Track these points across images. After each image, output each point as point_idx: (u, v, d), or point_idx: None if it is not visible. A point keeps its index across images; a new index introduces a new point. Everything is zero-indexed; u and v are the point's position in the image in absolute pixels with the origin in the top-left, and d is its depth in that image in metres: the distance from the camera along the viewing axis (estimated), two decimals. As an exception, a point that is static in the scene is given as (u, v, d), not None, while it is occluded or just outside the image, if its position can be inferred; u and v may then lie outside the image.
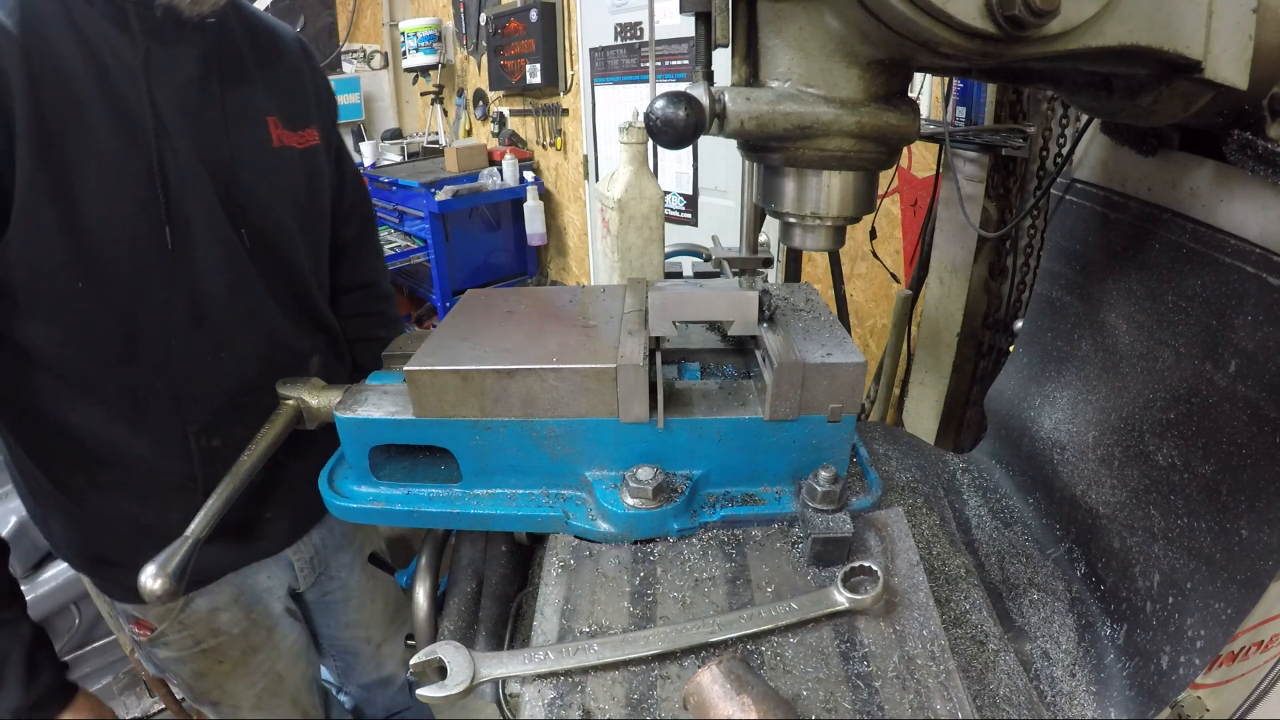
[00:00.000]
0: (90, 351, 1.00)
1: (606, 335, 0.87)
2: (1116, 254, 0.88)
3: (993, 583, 0.88)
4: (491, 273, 4.82)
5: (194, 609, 1.22)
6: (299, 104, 1.20)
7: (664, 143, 0.61)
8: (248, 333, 1.12)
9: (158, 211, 0.97)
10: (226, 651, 1.29)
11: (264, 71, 1.14)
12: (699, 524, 0.83)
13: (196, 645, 1.26)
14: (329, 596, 1.52)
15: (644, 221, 1.40)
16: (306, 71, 1.25)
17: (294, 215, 1.19)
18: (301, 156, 1.19)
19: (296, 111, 1.19)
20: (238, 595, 1.28)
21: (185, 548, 0.89)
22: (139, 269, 0.98)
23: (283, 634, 1.38)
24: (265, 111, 1.13)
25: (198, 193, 1.01)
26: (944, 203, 1.75)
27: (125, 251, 0.97)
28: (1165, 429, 0.76)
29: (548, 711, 0.64)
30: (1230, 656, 0.72)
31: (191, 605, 1.22)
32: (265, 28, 1.20)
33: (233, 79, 1.07)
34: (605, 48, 3.81)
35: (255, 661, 1.33)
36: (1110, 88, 0.72)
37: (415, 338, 1.12)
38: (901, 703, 0.64)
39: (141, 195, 0.96)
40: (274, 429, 1.03)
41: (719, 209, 3.48)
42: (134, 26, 0.95)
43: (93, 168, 0.92)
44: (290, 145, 1.17)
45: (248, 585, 1.29)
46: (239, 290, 1.10)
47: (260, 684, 1.36)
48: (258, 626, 1.32)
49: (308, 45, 1.30)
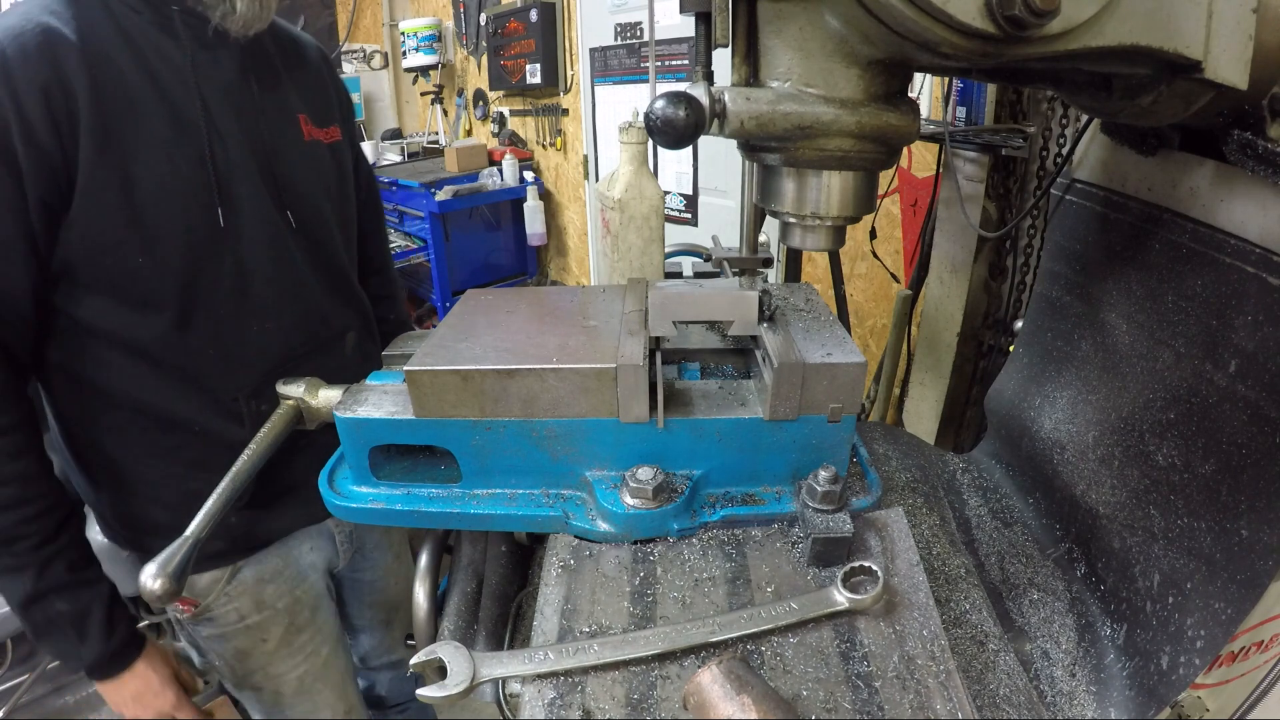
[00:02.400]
0: (148, 321, 1.09)
1: (606, 335, 0.87)
2: (1116, 254, 0.88)
3: (993, 583, 0.88)
4: (491, 273, 4.82)
5: (241, 579, 1.27)
6: (323, 104, 1.32)
7: (664, 143, 0.61)
8: (291, 305, 1.22)
9: (210, 194, 1.08)
10: (270, 629, 1.32)
11: (292, 74, 1.26)
12: (699, 524, 0.83)
13: (241, 620, 1.29)
14: (359, 574, 1.57)
15: (644, 221, 1.40)
16: (327, 76, 1.37)
17: (328, 201, 1.30)
18: (330, 150, 1.31)
19: (321, 111, 1.31)
20: (283, 567, 1.32)
21: (185, 548, 0.89)
22: (192, 244, 1.08)
23: (325, 615, 1.42)
24: (296, 109, 1.24)
25: (245, 178, 1.12)
26: (944, 203, 1.75)
27: (180, 229, 1.06)
28: (1165, 429, 0.76)
29: (548, 711, 0.64)
30: (1230, 656, 0.72)
31: (239, 575, 1.27)
32: (290, 36, 1.32)
33: (267, 80, 1.19)
34: (605, 48, 3.81)
35: (299, 642, 1.36)
36: (1110, 88, 0.72)
37: (415, 338, 1.12)
38: (901, 703, 0.64)
39: (195, 180, 1.06)
40: (274, 429, 1.03)
41: (719, 209, 3.48)
42: (180, 33, 1.06)
43: (149, 158, 1.02)
44: (319, 139, 1.29)
45: (293, 557, 1.34)
46: (282, 266, 1.20)
47: (303, 666, 1.38)
48: (301, 604, 1.36)
49: (326, 53, 1.42)
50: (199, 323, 1.12)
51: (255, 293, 1.17)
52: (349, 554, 1.50)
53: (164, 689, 1.18)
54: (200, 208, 1.08)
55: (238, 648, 1.32)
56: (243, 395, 1.18)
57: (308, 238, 1.25)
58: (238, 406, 1.18)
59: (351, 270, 1.41)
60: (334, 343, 1.33)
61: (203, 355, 1.14)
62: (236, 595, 1.28)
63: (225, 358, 1.16)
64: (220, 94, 1.10)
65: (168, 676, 1.20)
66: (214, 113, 1.09)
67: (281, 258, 1.20)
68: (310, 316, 1.27)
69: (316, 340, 1.28)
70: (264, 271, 1.17)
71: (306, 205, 1.24)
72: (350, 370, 1.28)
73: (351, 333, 1.37)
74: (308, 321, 1.26)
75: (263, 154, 1.16)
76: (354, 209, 1.42)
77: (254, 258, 1.15)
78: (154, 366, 1.12)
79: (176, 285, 1.09)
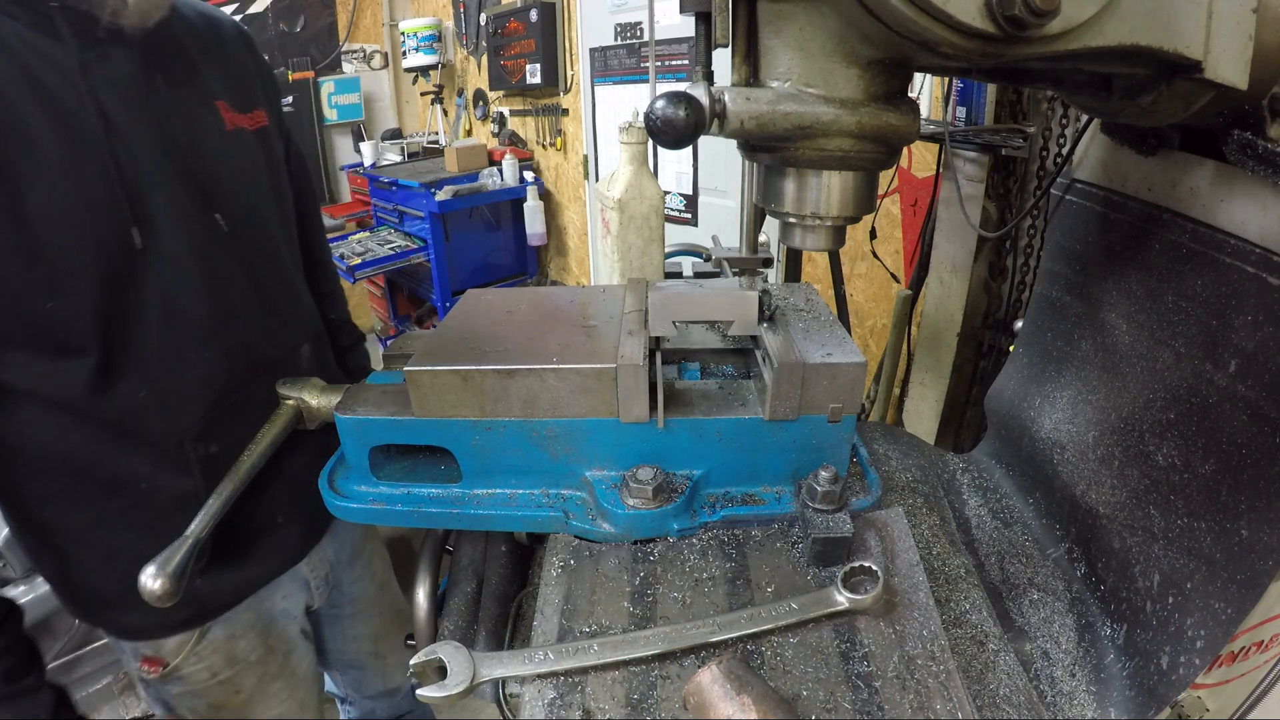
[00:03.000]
0: (69, 370, 0.96)
1: (606, 335, 0.87)
2: (1116, 254, 0.88)
3: (993, 583, 0.88)
4: (491, 273, 4.81)
5: (211, 639, 1.18)
6: (244, 87, 1.18)
7: (664, 143, 0.61)
8: (231, 326, 1.08)
9: (121, 212, 0.94)
10: (243, 681, 1.25)
11: (206, 57, 1.11)
12: (699, 524, 0.83)
13: (213, 678, 1.21)
14: (337, 610, 1.49)
15: (644, 221, 1.40)
16: (247, 56, 1.22)
17: (261, 194, 1.17)
18: (255, 137, 1.17)
19: (243, 94, 1.17)
20: (255, 620, 1.24)
21: (185, 547, 0.89)
22: (108, 274, 0.95)
23: (299, 658, 1.35)
24: (213, 96, 1.10)
25: (161, 185, 0.98)
26: (944, 203, 1.75)
27: (90, 260, 0.93)
28: (1165, 429, 0.76)
29: (548, 711, 0.64)
30: (1230, 656, 0.72)
31: (208, 635, 1.18)
32: (202, 14, 1.17)
33: (175, 68, 1.04)
34: (605, 48, 3.81)
35: (274, 689, 1.30)
36: (1110, 88, 0.72)
37: (415, 338, 1.12)
38: (901, 703, 0.64)
39: (101, 199, 0.92)
40: (274, 429, 1.03)
41: (719, 209, 3.48)
42: (64, 34, 0.91)
43: (42, 184, 0.89)
44: (242, 127, 1.15)
45: (264, 609, 1.26)
46: (217, 282, 1.06)
47: (277, 709, 1.32)
48: (274, 653, 1.29)
49: (246, 31, 1.27)
50: (127, 363, 0.99)
51: (188, 318, 1.03)
52: (324, 594, 1.41)
53: None
54: (111, 230, 0.94)
55: (210, 702, 1.24)
56: (188, 439, 1.05)
57: (244, 242, 1.11)
58: (183, 453, 1.05)
59: (298, 271, 1.27)
60: (286, 360, 1.18)
61: (134, 400, 1.01)
62: (207, 655, 1.19)
63: (161, 399, 1.03)
64: (118, 95, 0.95)
65: None
66: (113, 118, 0.94)
67: (214, 272, 1.05)
68: (255, 335, 1.13)
69: (265, 361, 1.13)
70: (194, 291, 1.03)
71: (238, 203, 1.10)
72: None
73: (305, 345, 1.24)
74: (253, 341, 1.12)
75: (179, 154, 1.01)
76: (290, 199, 1.28)
77: (182, 277, 1.01)
78: (82, 421, 1.00)
79: (95, 325, 0.95)
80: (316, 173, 5.41)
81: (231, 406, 1.09)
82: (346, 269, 4.13)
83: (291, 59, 5.10)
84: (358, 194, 5.27)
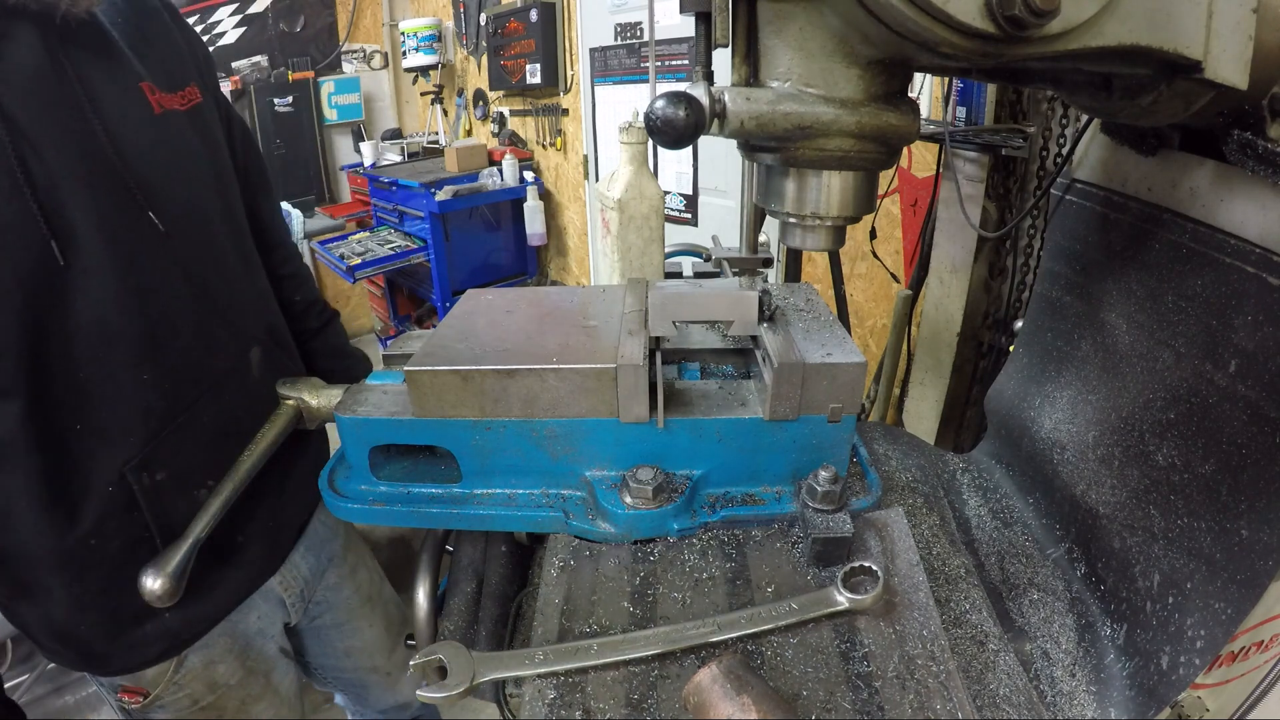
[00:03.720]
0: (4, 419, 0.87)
1: (606, 335, 0.87)
2: (1116, 254, 0.88)
3: (993, 583, 0.88)
4: (491, 273, 4.82)
5: (188, 666, 1.14)
6: (172, 62, 1.06)
7: (664, 143, 0.61)
8: (168, 341, 0.99)
9: (36, 228, 0.83)
10: (226, 705, 1.21)
11: (125, 34, 0.99)
12: (699, 524, 0.83)
13: (194, 704, 1.17)
14: (317, 622, 1.43)
15: (644, 221, 1.40)
16: (173, 27, 1.10)
17: (200, 182, 1.06)
18: (188, 118, 1.05)
19: (171, 71, 1.04)
20: (231, 644, 1.19)
21: (185, 547, 0.89)
22: (29, 303, 0.84)
23: (280, 676, 1.32)
24: (136, 78, 0.98)
25: (81, 190, 0.87)
26: (944, 203, 1.76)
27: (9, 287, 0.83)
28: (1165, 429, 0.76)
29: (548, 711, 0.64)
30: (1230, 656, 0.72)
31: (186, 664, 1.14)
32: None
33: (88, 53, 0.92)
34: (605, 48, 3.81)
35: (256, 710, 1.27)
36: (1110, 88, 0.72)
37: (415, 338, 1.12)
38: (901, 703, 0.64)
39: (8, 217, 0.82)
40: (274, 429, 1.03)
41: (719, 209, 3.48)
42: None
43: None
44: (174, 109, 1.03)
45: (239, 631, 1.21)
46: (151, 294, 0.96)
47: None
48: (254, 674, 1.25)
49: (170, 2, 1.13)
50: (56, 397, 0.89)
51: (122, 338, 0.93)
52: (301, 609, 1.35)
53: None
54: (27, 250, 0.83)
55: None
56: (130, 470, 0.96)
57: (183, 241, 1.00)
58: (126, 486, 0.96)
59: (246, 264, 1.16)
60: (234, 370, 1.08)
61: (69, 436, 0.92)
62: (187, 683, 1.15)
63: (98, 433, 0.93)
64: (21, 91, 0.83)
65: None
66: (16, 119, 0.82)
67: (149, 282, 0.95)
68: (199, 349, 1.03)
69: (212, 374, 1.03)
70: (128, 307, 0.93)
71: (174, 197, 0.99)
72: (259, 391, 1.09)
73: (256, 348, 1.13)
74: (196, 356, 1.02)
75: (99, 151, 0.90)
76: (234, 183, 1.16)
77: (112, 293, 0.91)
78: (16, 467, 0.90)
79: (19, 363, 0.85)
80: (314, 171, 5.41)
81: (178, 429, 1.00)
82: (346, 269, 4.13)
83: (291, 59, 5.11)
84: (358, 194, 5.28)
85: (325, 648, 1.47)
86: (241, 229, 1.18)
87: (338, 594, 1.44)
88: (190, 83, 1.08)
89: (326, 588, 1.41)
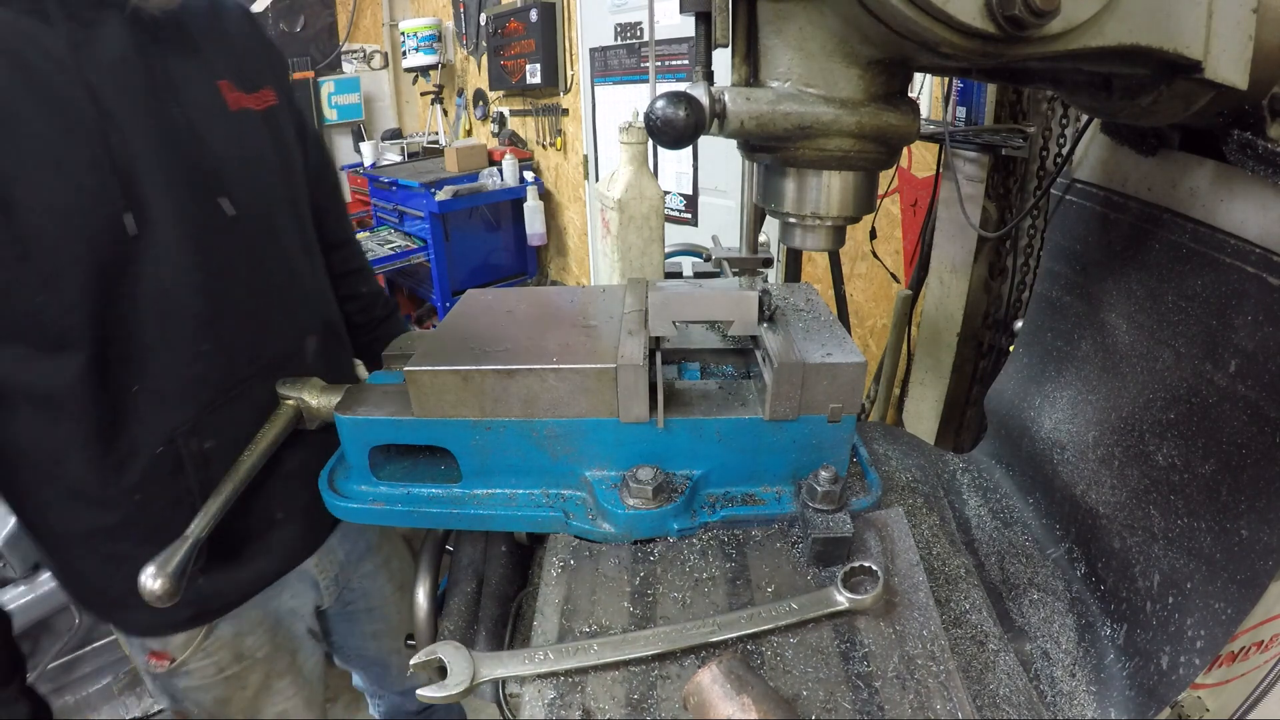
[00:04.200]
0: (62, 366, 0.92)
1: (606, 335, 0.87)
2: (1116, 254, 0.88)
3: (993, 583, 0.88)
4: (491, 273, 4.82)
5: (218, 635, 1.19)
6: (250, 65, 1.13)
7: (664, 143, 0.61)
8: (228, 321, 1.04)
9: (114, 199, 0.91)
10: (249, 677, 1.25)
11: (208, 37, 1.07)
12: (699, 524, 0.83)
13: (220, 673, 1.22)
14: (350, 608, 1.47)
15: (644, 221, 1.40)
16: (253, 34, 1.19)
17: (269, 178, 1.13)
18: (263, 117, 1.12)
19: (249, 73, 1.12)
20: (262, 618, 1.24)
21: (185, 547, 0.89)
22: (100, 265, 0.92)
23: (305, 656, 1.35)
24: (215, 76, 1.06)
25: (158, 169, 0.95)
26: (944, 203, 1.76)
27: (81, 251, 0.90)
28: (1165, 429, 0.76)
29: (548, 711, 0.64)
30: (1230, 656, 0.72)
31: (216, 632, 1.18)
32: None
33: (173, 48, 1.00)
34: (605, 48, 3.81)
35: (279, 686, 1.31)
36: (1110, 88, 0.72)
37: (415, 338, 1.12)
38: (901, 703, 0.64)
39: (92, 187, 0.90)
40: (274, 429, 1.03)
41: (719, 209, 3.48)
42: (53, 14, 0.88)
43: (32, 175, 0.87)
44: (248, 107, 1.10)
45: (272, 608, 1.25)
46: (215, 273, 1.02)
47: (282, 705, 1.33)
48: (282, 650, 1.29)
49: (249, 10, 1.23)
50: (117, 359, 0.96)
51: (184, 310, 0.99)
52: (334, 594, 1.39)
53: None
54: (103, 218, 0.91)
55: (216, 697, 1.25)
56: (180, 435, 1.01)
57: (249, 228, 1.06)
58: (175, 450, 1.01)
59: (310, 257, 1.22)
60: (290, 355, 1.14)
61: (125, 398, 0.98)
62: (214, 650, 1.19)
63: (154, 396, 0.99)
64: (112, 76, 0.91)
65: None
66: (106, 100, 0.90)
67: (214, 261, 1.01)
68: (256, 329, 1.09)
69: (268, 355, 1.09)
70: (192, 282, 0.99)
71: (243, 188, 1.06)
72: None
73: (312, 337, 1.19)
74: (254, 336, 1.08)
75: (177, 137, 0.97)
76: (303, 182, 1.22)
77: (178, 267, 0.97)
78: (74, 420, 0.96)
79: (87, 318, 0.92)
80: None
81: (230, 401, 1.06)
82: (346, 269, 4.13)
83: (292, 59, 5.10)
84: (358, 194, 5.27)
85: (353, 629, 1.51)
86: (306, 226, 1.23)
87: (373, 582, 1.48)
88: (266, 85, 1.15)
89: (362, 575, 1.45)
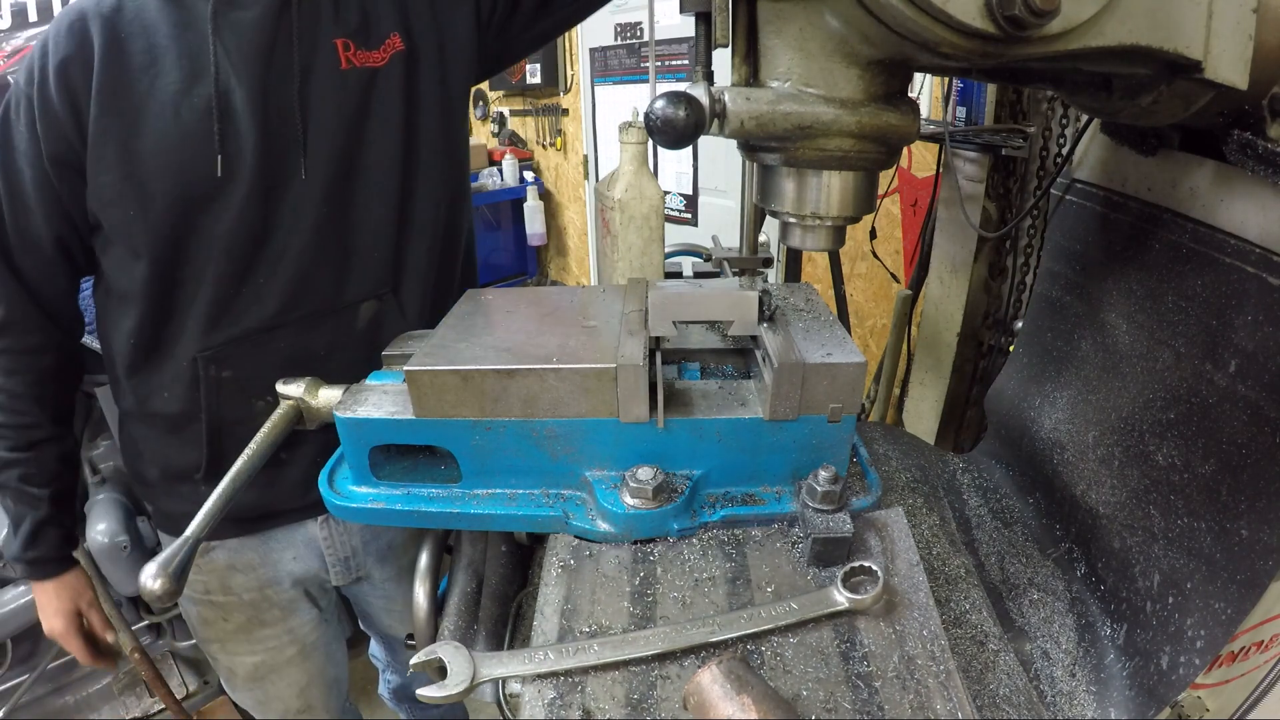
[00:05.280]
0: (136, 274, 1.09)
1: (606, 335, 0.87)
2: (1116, 254, 0.89)
3: (993, 583, 0.88)
4: (491, 273, 4.83)
5: (212, 559, 1.28)
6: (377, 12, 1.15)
7: (664, 143, 0.61)
8: (291, 266, 1.13)
9: (211, 145, 1.04)
10: (233, 613, 1.33)
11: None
12: (699, 524, 0.83)
13: (206, 594, 1.31)
14: (369, 596, 1.52)
15: (644, 221, 1.40)
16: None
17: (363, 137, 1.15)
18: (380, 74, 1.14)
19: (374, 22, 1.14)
20: (257, 563, 1.30)
21: (185, 548, 0.89)
22: (184, 198, 1.06)
23: (299, 622, 1.39)
24: (334, 35, 1.11)
25: (256, 127, 1.06)
26: (944, 203, 1.75)
27: (172, 182, 1.04)
28: (1165, 429, 0.76)
29: (548, 711, 0.64)
30: (1230, 656, 0.72)
31: (211, 554, 1.28)
32: None
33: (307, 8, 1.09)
34: (605, 48, 3.82)
35: (261, 635, 1.36)
36: (1110, 88, 0.72)
37: (415, 338, 1.12)
38: (901, 703, 0.64)
39: (195, 128, 1.03)
40: (274, 429, 1.03)
41: (719, 209, 3.48)
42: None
43: (157, 111, 1.03)
44: (362, 65, 1.13)
45: (271, 559, 1.31)
46: (279, 225, 1.11)
47: (260, 656, 1.37)
48: (270, 603, 1.34)
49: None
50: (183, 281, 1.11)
51: (236, 252, 1.10)
52: (346, 577, 1.41)
53: (56, 616, 1.29)
54: (199, 159, 1.04)
55: (201, 614, 1.35)
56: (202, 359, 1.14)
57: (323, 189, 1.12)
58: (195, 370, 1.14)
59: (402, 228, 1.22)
60: (342, 313, 1.20)
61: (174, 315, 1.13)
62: (205, 571, 1.28)
63: (195, 319, 1.12)
64: (239, 34, 1.04)
65: (67, 611, 1.30)
66: (230, 55, 1.04)
67: (276, 215, 1.10)
68: (312, 280, 1.15)
69: (313, 306, 1.16)
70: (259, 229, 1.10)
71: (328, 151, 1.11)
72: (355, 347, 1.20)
73: (370, 302, 1.22)
74: (308, 285, 1.15)
75: (280, 97, 1.07)
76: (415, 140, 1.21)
77: (243, 215, 1.08)
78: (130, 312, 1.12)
79: (165, 240, 1.07)
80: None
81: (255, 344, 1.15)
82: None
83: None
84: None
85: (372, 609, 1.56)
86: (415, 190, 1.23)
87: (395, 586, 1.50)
88: (393, 31, 1.16)
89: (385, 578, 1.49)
